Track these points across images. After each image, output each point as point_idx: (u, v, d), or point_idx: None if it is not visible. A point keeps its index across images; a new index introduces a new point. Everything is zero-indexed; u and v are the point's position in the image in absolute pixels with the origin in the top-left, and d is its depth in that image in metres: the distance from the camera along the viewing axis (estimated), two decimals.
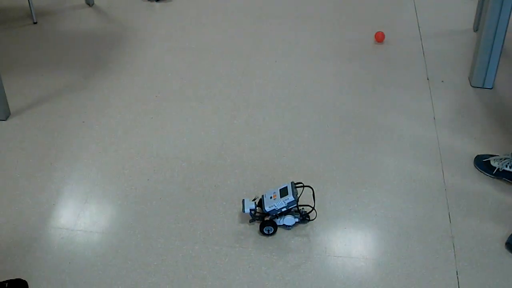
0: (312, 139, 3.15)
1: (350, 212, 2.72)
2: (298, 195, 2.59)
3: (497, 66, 3.48)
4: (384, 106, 3.41)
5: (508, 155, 2.87)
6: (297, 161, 3.01)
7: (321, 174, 2.93)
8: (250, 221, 2.64)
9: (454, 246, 2.56)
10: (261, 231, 2.59)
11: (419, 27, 4.17)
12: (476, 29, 4.08)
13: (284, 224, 2.60)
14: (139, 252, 2.53)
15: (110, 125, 3.24)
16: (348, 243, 2.58)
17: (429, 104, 3.41)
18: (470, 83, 3.58)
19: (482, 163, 2.93)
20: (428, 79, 3.62)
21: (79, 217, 2.69)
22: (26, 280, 2.37)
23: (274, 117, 3.30)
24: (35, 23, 4.20)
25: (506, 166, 2.83)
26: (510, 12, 3.27)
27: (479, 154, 3.00)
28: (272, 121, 3.27)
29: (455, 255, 2.53)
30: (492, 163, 2.89)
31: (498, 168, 2.85)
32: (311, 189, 2.65)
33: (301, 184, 2.65)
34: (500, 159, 2.88)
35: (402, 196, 2.81)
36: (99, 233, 2.62)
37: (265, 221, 2.59)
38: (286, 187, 2.59)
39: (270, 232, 2.59)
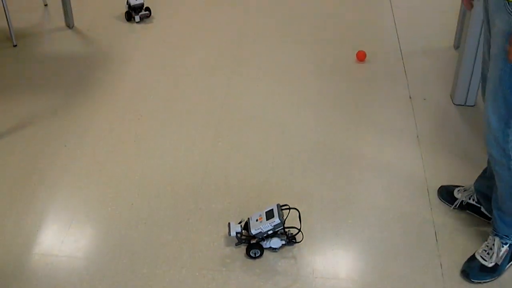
0: (297, 160, 3.15)
1: (336, 233, 2.72)
2: (284, 217, 2.58)
3: (479, 83, 3.50)
4: (367, 125, 3.41)
5: (471, 186, 2.81)
6: (282, 183, 3.00)
7: (307, 195, 2.92)
8: (236, 244, 2.62)
9: (441, 265, 2.56)
10: (248, 254, 2.57)
11: (400, 45, 4.19)
12: (457, 46, 4.11)
13: (270, 247, 2.59)
14: (125, 277, 2.50)
15: (93, 148, 3.22)
16: (335, 265, 2.57)
17: (412, 122, 3.42)
18: (452, 100, 3.60)
19: (445, 193, 2.89)
20: (410, 97, 3.64)
21: (63, 243, 2.66)
22: None
23: (258, 138, 3.30)
24: (15, 45, 4.17)
25: (469, 199, 2.79)
26: None
27: (443, 184, 2.95)
28: (256, 142, 3.27)
29: (442, 273, 2.53)
30: (455, 194, 2.85)
31: (462, 201, 2.81)
32: (297, 211, 2.64)
33: (287, 206, 2.64)
34: (465, 190, 2.82)
35: (388, 216, 2.81)
36: (84, 258, 2.59)
37: (251, 244, 2.58)
38: (272, 209, 2.58)
39: (257, 255, 2.57)
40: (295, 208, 2.65)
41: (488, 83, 2.28)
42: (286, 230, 2.61)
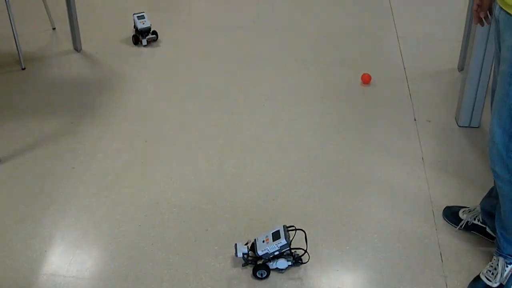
0: (302, 181, 3.16)
1: (342, 254, 2.73)
2: (291, 239, 2.60)
3: (483, 105, 3.52)
4: (372, 148, 3.43)
5: (476, 207, 2.83)
6: (288, 204, 3.01)
7: (312, 216, 2.93)
8: (243, 265, 2.64)
9: (447, 286, 2.57)
10: (254, 275, 2.58)
11: (404, 68, 4.22)
12: (461, 68, 4.14)
13: (277, 268, 2.60)
14: None
15: (100, 170, 3.24)
16: (341, 286, 2.58)
17: (417, 144, 3.44)
18: (457, 122, 3.62)
19: (450, 214, 2.90)
20: (415, 119, 3.66)
21: (71, 264, 2.68)
22: None
23: (263, 160, 3.32)
24: (23, 69, 4.21)
25: (475, 220, 2.81)
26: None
27: (448, 205, 2.96)
28: (261, 165, 3.29)
29: None
30: (460, 215, 2.86)
31: (467, 222, 2.83)
32: (303, 232, 2.66)
33: (293, 227, 2.65)
34: (470, 211, 2.84)
35: (393, 237, 2.82)
36: (92, 279, 2.60)
37: (258, 265, 2.59)
38: (279, 230, 2.60)
39: (263, 276, 2.58)
40: (301, 229, 2.66)
41: (495, 97, 2.31)
42: (292, 251, 2.62)
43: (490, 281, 2.51)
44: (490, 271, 2.54)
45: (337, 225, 2.89)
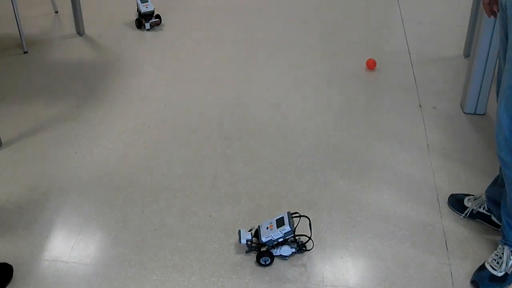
0: (307, 168, 3.14)
1: (346, 241, 2.71)
2: (295, 225, 2.58)
3: (489, 92, 3.49)
4: (377, 134, 3.41)
5: (482, 195, 2.81)
6: (292, 191, 2.99)
7: (317, 203, 2.92)
8: (247, 252, 2.62)
9: (452, 274, 2.56)
10: (258, 261, 2.57)
11: (409, 54, 4.19)
12: (466, 55, 4.10)
13: (281, 255, 2.59)
14: (135, 285, 2.50)
15: (102, 155, 3.22)
16: (345, 273, 2.56)
17: (422, 131, 3.42)
18: (462, 109, 3.59)
19: (455, 202, 2.88)
20: (420, 106, 3.63)
21: (73, 249, 2.66)
22: None
23: (268, 146, 3.30)
24: (25, 52, 4.19)
25: (480, 208, 2.79)
26: None
27: (453, 193, 2.94)
28: (266, 150, 3.27)
29: (453, 283, 2.52)
30: (465, 203, 2.84)
31: (473, 210, 2.81)
32: (307, 219, 2.64)
33: (298, 214, 2.64)
34: (475, 199, 2.82)
35: (398, 224, 2.80)
36: (94, 265, 2.59)
37: (261, 251, 2.57)
38: (283, 217, 2.58)
39: (267, 263, 2.57)
40: (306, 216, 2.65)
41: (501, 84, 2.29)
42: (297, 238, 2.61)
43: (495, 270, 2.50)
44: (495, 260, 2.53)
45: (342, 212, 2.87)
